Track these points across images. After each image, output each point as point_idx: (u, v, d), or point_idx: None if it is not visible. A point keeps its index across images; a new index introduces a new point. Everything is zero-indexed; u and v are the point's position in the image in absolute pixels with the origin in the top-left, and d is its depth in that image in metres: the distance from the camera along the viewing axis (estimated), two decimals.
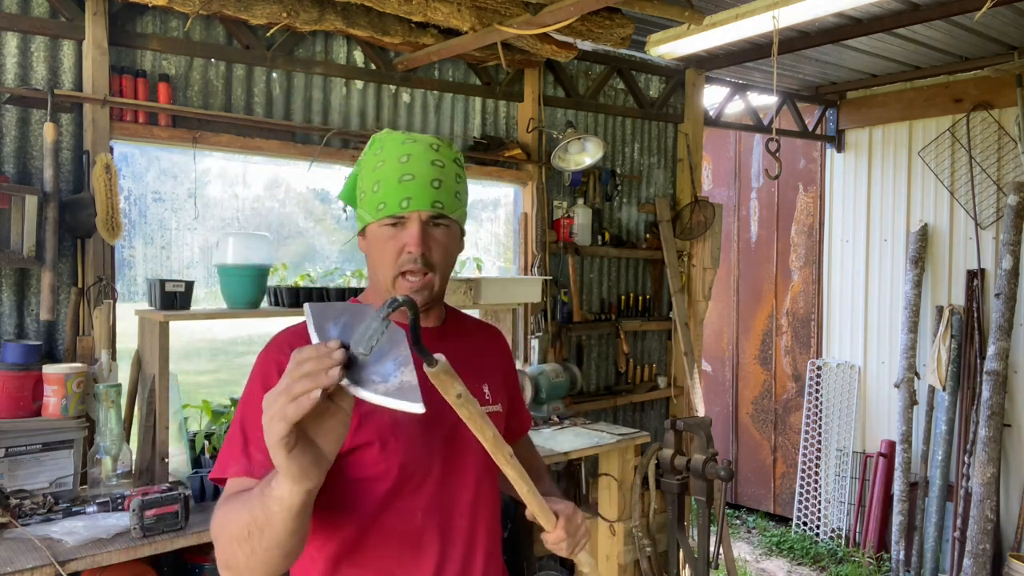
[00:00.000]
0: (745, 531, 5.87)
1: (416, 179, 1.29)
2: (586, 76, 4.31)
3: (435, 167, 1.31)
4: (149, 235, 3.07)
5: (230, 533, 1.08)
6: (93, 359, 2.68)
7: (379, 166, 1.32)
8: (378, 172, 1.32)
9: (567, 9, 2.83)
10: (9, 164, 2.65)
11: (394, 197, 1.29)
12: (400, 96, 3.64)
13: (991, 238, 4.87)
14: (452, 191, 1.33)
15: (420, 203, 1.29)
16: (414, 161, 1.30)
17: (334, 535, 1.27)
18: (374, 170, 1.32)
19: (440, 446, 1.31)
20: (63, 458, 2.44)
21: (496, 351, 1.55)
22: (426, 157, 1.31)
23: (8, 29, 2.64)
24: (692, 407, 4.61)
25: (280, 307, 2.98)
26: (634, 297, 4.58)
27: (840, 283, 5.66)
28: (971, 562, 4.49)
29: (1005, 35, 4.19)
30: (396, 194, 1.29)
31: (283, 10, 3.00)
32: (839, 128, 5.58)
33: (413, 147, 1.32)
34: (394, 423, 1.25)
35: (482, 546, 1.36)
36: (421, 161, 1.30)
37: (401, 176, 1.29)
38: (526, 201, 4.08)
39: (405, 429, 1.26)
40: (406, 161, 1.31)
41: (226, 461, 1.21)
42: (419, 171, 1.30)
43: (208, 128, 3.05)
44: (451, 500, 1.32)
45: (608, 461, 3.64)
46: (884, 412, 5.36)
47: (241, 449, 1.20)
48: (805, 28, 3.92)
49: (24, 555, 2.01)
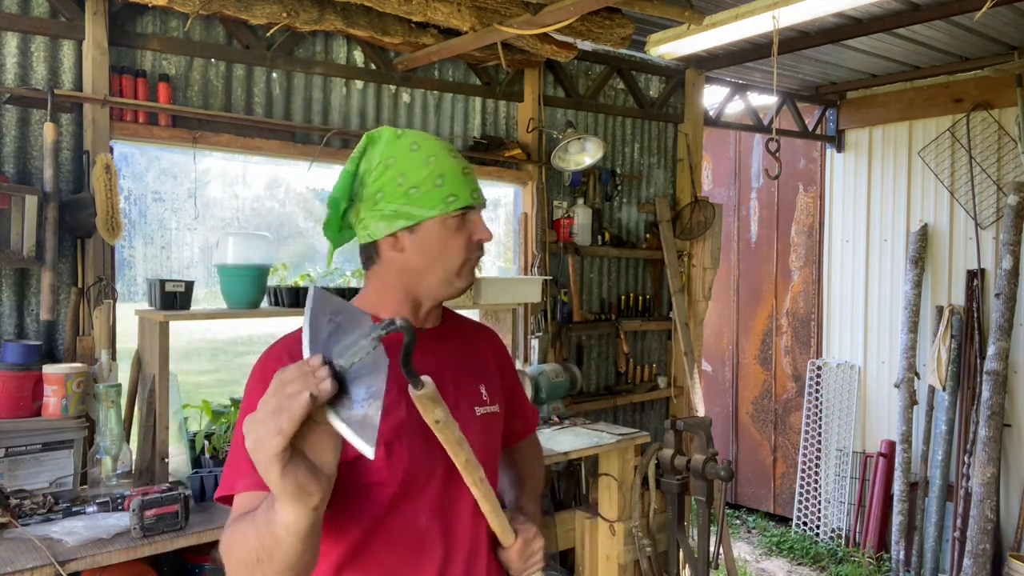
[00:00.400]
0: (745, 531, 5.87)
1: (469, 175, 1.34)
2: (586, 76, 4.31)
3: (456, 159, 1.35)
4: (149, 235, 3.07)
5: (239, 558, 1.06)
6: (93, 359, 2.68)
7: (431, 160, 1.30)
8: (433, 167, 1.30)
9: (567, 9, 2.83)
10: (9, 164, 2.65)
11: (464, 189, 1.32)
12: (400, 96, 3.64)
13: (991, 238, 4.87)
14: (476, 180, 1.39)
15: (466, 197, 1.33)
16: (440, 159, 1.32)
17: (339, 540, 1.27)
18: (426, 164, 1.30)
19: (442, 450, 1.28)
20: (63, 458, 2.44)
21: (493, 351, 1.55)
22: (443, 148, 1.35)
23: (8, 29, 2.64)
24: (692, 407, 4.61)
25: (280, 307, 2.98)
26: (634, 297, 4.58)
27: (840, 283, 5.66)
28: (971, 562, 4.49)
29: (1005, 35, 4.19)
30: (465, 186, 1.32)
31: (283, 10, 3.00)
32: (839, 128, 5.59)
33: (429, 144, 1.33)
34: (398, 427, 1.25)
35: (485, 549, 1.36)
36: (442, 156, 1.33)
37: (463, 169, 1.33)
38: (526, 201, 4.08)
39: (408, 433, 1.26)
40: (456, 157, 1.34)
41: (232, 477, 1.18)
42: (449, 168, 1.32)
43: (208, 128, 3.05)
44: (454, 503, 1.32)
45: (608, 461, 3.64)
46: (884, 412, 5.36)
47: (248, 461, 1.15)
48: (805, 28, 3.92)
49: (24, 555, 2.01)
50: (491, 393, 1.44)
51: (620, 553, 3.60)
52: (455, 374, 1.38)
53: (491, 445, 1.41)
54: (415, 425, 1.21)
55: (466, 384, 1.40)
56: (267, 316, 2.95)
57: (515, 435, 1.62)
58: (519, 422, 1.61)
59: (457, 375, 1.38)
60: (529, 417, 1.67)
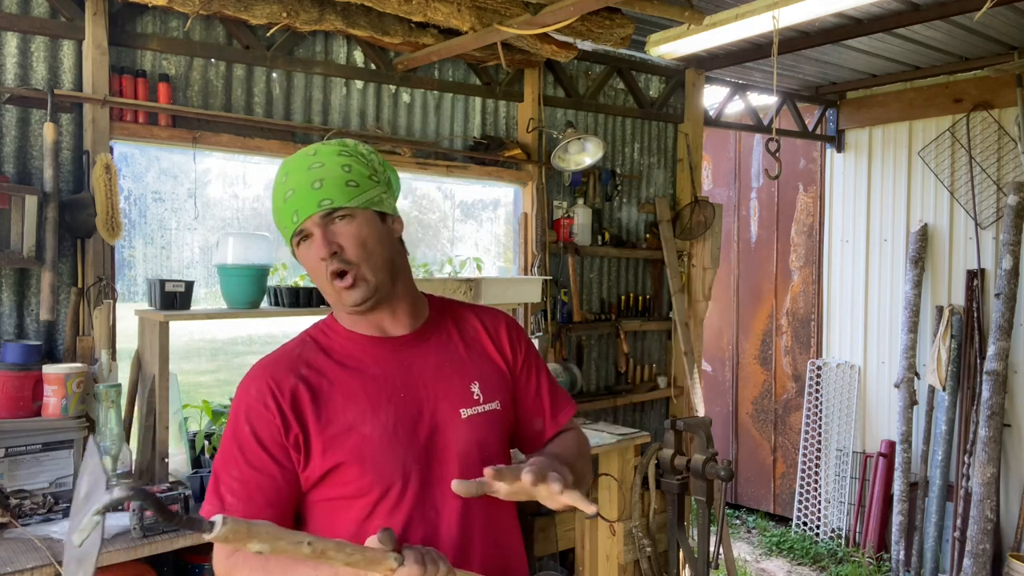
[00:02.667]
0: (745, 531, 5.87)
1: (296, 191, 1.30)
2: (586, 76, 4.31)
3: (312, 171, 1.30)
4: (149, 235, 3.07)
5: None
6: (93, 359, 2.68)
7: (274, 201, 1.35)
8: (275, 214, 1.35)
9: (567, 9, 2.83)
10: (9, 164, 2.65)
11: (287, 218, 1.31)
12: (400, 96, 3.64)
13: (991, 238, 4.87)
14: (339, 183, 1.29)
15: (306, 210, 1.29)
16: (292, 177, 1.31)
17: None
18: (280, 185, 1.34)
19: (415, 458, 1.29)
20: (63, 458, 2.44)
21: (495, 338, 1.46)
22: (303, 165, 1.32)
23: (8, 29, 2.64)
24: (692, 407, 4.61)
25: (280, 307, 2.98)
26: (634, 297, 4.58)
27: (840, 283, 5.66)
28: (971, 562, 4.49)
29: (1005, 35, 4.19)
30: (286, 214, 1.31)
31: (283, 10, 3.00)
32: (839, 128, 5.58)
33: (291, 164, 1.34)
34: (362, 442, 1.27)
35: (478, 556, 1.32)
36: (298, 173, 1.31)
37: (285, 195, 1.31)
38: (526, 201, 4.08)
39: (374, 446, 1.27)
40: (285, 180, 1.32)
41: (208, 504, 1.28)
42: (297, 183, 1.30)
43: (208, 128, 3.05)
44: (435, 513, 1.30)
45: (608, 461, 3.64)
46: (884, 412, 5.36)
47: (214, 490, 1.28)
48: (805, 28, 3.92)
49: (24, 555, 2.01)
50: (488, 390, 1.39)
51: (620, 553, 3.60)
52: (433, 379, 1.35)
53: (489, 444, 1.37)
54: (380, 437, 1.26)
55: (450, 385, 1.36)
56: (267, 316, 2.95)
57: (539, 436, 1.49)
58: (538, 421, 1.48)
59: (435, 380, 1.35)
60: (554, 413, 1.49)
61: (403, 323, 1.39)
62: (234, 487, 1.26)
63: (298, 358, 1.34)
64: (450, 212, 4.12)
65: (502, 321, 1.50)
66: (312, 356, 1.35)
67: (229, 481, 1.27)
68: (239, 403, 1.32)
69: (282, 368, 1.32)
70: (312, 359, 1.34)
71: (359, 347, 1.36)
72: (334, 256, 1.28)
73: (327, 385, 1.31)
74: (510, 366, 1.46)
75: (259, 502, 1.25)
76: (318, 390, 1.30)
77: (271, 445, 1.27)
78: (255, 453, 1.27)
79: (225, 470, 1.28)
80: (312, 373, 1.32)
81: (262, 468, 1.26)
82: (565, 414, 1.51)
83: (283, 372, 1.31)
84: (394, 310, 1.38)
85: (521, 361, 1.48)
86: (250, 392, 1.31)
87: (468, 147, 3.85)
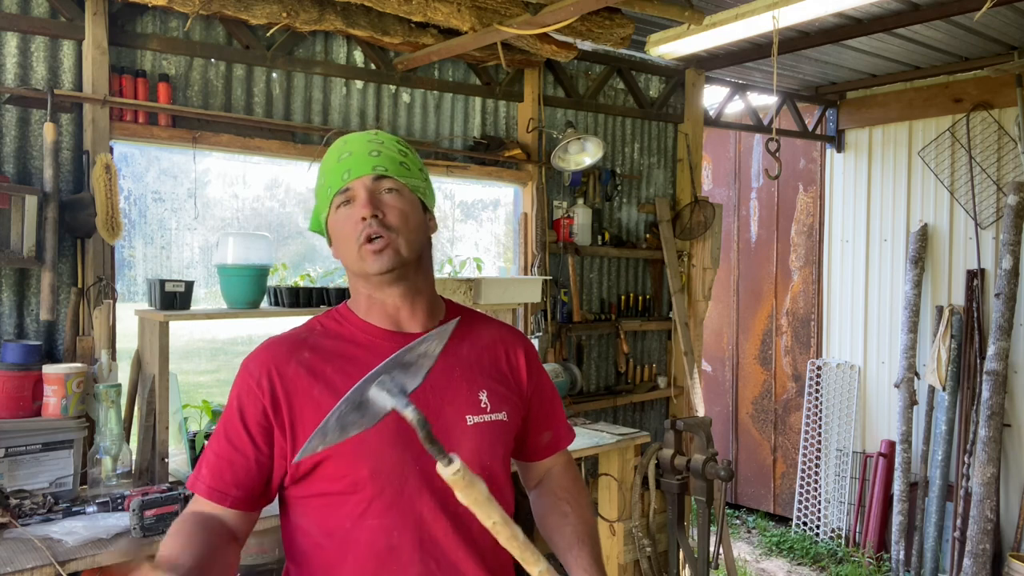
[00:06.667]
0: (745, 531, 5.87)
1: (354, 154, 1.32)
2: (586, 76, 4.31)
3: (371, 144, 1.34)
4: (149, 235, 3.07)
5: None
6: (93, 359, 2.68)
7: (324, 164, 1.37)
8: (322, 177, 1.36)
9: (567, 9, 2.83)
10: (9, 164, 2.65)
11: (335, 177, 1.32)
12: (400, 96, 3.64)
13: (991, 238, 4.87)
14: (394, 161, 1.33)
15: (360, 170, 1.30)
16: (351, 144, 1.35)
17: (312, 556, 1.28)
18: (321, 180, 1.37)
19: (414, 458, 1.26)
20: (63, 458, 2.44)
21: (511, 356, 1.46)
22: (364, 138, 1.35)
23: (8, 29, 2.64)
24: (692, 407, 4.61)
25: (280, 307, 2.98)
26: (634, 297, 4.58)
27: (840, 283, 5.66)
28: (971, 562, 4.49)
29: (1005, 35, 4.19)
30: (337, 173, 1.32)
31: (283, 10, 3.00)
32: (839, 128, 5.58)
33: (352, 136, 1.38)
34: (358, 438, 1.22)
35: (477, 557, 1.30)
36: (357, 142, 1.35)
37: (340, 156, 1.33)
38: (526, 201, 4.08)
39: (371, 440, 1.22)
40: (343, 146, 1.36)
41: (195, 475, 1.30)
42: (355, 148, 1.33)
43: (208, 128, 3.05)
44: (432, 514, 1.27)
45: (608, 461, 3.64)
46: (884, 412, 5.36)
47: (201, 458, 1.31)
48: (805, 28, 3.92)
49: (24, 555, 2.01)
50: (496, 400, 1.37)
51: (620, 553, 3.60)
52: (441, 382, 1.33)
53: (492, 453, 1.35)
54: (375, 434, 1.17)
55: (458, 391, 1.34)
56: (267, 316, 2.95)
57: (543, 449, 1.51)
58: (546, 435, 1.51)
59: (443, 383, 1.33)
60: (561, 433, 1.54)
61: (419, 320, 1.38)
62: (210, 459, 1.28)
63: (303, 342, 1.34)
64: (450, 212, 4.12)
65: (520, 343, 1.50)
66: (318, 341, 1.34)
67: (209, 453, 1.29)
68: (238, 379, 1.33)
69: (285, 350, 1.32)
70: (318, 343, 1.34)
71: (370, 337, 1.35)
72: (375, 218, 1.28)
73: (329, 371, 1.30)
74: (523, 387, 1.45)
75: (227, 479, 1.26)
76: (318, 375, 1.29)
77: (252, 426, 1.27)
78: (236, 431, 1.28)
79: (212, 440, 1.31)
80: (315, 357, 1.31)
81: (239, 447, 1.27)
82: (568, 438, 1.56)
83: (285, 354, 1.31)
84: (413, 301, 1.36)
85: (535, 386, 1.48)
86: (249, 369, 1.32)
87: (468, 147, 3.85)
